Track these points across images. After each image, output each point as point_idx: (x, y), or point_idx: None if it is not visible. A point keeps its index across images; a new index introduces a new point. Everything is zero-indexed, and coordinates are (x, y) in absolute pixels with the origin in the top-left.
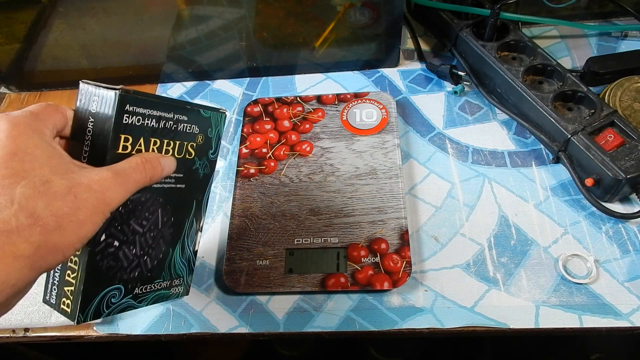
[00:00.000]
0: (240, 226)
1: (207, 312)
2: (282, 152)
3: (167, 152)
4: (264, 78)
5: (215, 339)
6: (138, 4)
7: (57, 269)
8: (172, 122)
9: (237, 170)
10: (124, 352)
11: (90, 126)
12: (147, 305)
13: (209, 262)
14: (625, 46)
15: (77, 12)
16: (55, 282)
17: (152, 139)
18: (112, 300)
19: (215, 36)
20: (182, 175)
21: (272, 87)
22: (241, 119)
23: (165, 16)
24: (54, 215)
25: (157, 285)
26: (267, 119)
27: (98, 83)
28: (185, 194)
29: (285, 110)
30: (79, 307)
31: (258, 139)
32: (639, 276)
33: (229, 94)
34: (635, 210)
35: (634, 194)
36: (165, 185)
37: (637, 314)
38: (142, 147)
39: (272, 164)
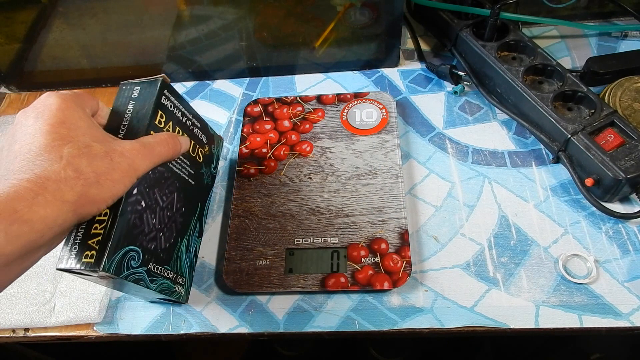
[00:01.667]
0: (240, 226)
1: (207, 312)
2: (282, 152)
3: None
4: (264, 78)
5: (215, 339)
6: (138, 4)
7: (81, 227)
8: (190, 122)
9: (237, 170)
10: (124, 352)
11: (130, 107)
12: (155, 289)
13: (209, 262)
14: (625, 46)
15: (77, 12)
16: (77, 241)
17: (177, 128)
18: (132, 263)
19: (215, 36)
20: (193, 172)
21: (272, 87)
22: (241, 119)
23: (165, 16)
24: (94, 172)
25: (166, 272)
26: (267, 119)
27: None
28: (194, 192)
29: (285, 110)
30: (107, 253)
31: (258, 139)
32: (639, 276)
33: (229, 94)
34: (635, 210)
35: (634, 194)
36: (181, 173)
37: (637, 314)
38: (169, 129)
39: (272, 164)
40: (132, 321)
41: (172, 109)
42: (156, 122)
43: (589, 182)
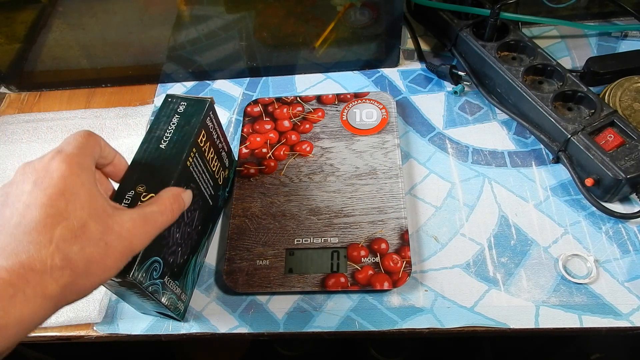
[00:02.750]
0: (240, 226)
1: (207, 312)
2: (282, 152)
3: (213, 166)
4: (264, 78)
5: (215, 339)
6: (138, 4)
7: None
8: (221, 145)
9: (237, 170)
10: (124, 352)
11: (175, 120)
12: (164, 300)
13: (209, 262)
14: (625, 46)
15: (77, 12)
16: None
17: (212, 149)
18: (154, 274)
19: (215, 36)
20: (213, 194)
21: (272, 87)
22: (241, 119)
23: (165, 16)
24: (84, 260)
25: (175, 287)
26: (267, 119)
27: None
28: (210, 212)
29: (285, 110)
30: (139, 260)
31: (258, 139)
32: (639, 276)
33: (229, 94)
34: (635, 210)
35: (634, 194)
36: (205, 193)
37: (637, 314)
38: (206, 149)
39: (272, 164)
40: (132, 321)
41: (212, 130)
42: (198, 141)
43: (589, 182)
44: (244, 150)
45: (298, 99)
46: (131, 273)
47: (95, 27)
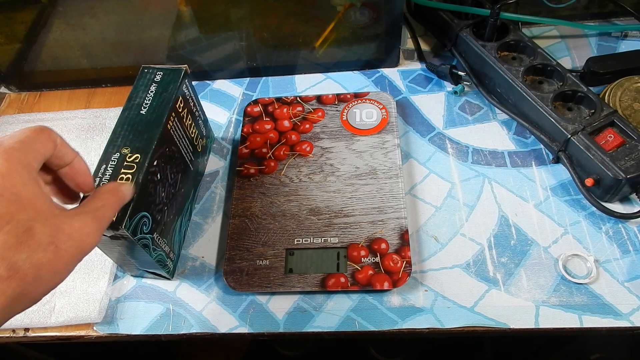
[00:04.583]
0: (240, 226)
1: (207, 312)
2: (282, 152)
3: (191, 132)
4: (264, 78)
5: (215, 339)
6: (138, 4)
7: None
8: (197, 114)
9: (237, 170)
10: (124, 352)
11: (153, 89)
12: (154, 258)
13: (209, 262)
14: (625, 46)
15: (77, 12)
16: None
17: (189, 115)
18: (144, 228)
19: (215, 36)
20: (193, 159)
21: (272, 87)
22: (241, 119)
23: (165, 16)
24: (33, 267)
25: (163, 244)
26: (267, 119)
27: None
28: (191, 177)
29: (285, 110)
30: (129, 213)
31: (258, 139)
32: (639, 276)
33: (229, 94)
34: (635, 210)
35: (634, 194)
36: (186, 157)
37: (637, 314)
38: (184, 115)
39: (272, 164)
40: (132, 321)
41: (188, 97)
42: (177, 106)
43: (589, 182)
44: (244, 150)
45: (298, 99)
46: (123, 224)
47: (95, 27)
